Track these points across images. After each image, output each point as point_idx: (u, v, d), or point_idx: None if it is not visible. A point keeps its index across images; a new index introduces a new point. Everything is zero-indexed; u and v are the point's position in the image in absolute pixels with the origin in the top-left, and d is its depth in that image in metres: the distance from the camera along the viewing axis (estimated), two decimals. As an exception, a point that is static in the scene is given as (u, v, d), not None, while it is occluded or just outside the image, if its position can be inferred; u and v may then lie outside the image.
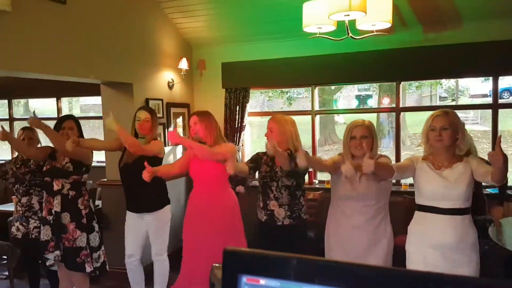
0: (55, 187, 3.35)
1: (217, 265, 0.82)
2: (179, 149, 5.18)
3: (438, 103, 15.99)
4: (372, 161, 2.25)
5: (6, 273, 4.39)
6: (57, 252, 3.34)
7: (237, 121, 5.11)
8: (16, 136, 4.05)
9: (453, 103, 15.70)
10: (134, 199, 3.56)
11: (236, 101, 5.14)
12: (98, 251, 3.45)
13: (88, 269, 3.35)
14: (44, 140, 3.70)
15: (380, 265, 2.69)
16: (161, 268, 3.67)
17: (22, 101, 13.83)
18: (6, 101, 7.01)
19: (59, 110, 6.47)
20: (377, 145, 2.77)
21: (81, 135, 3.52)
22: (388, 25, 3.23)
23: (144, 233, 3.60)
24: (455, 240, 2.35)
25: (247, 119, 5.19)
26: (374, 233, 2.74)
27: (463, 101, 15.85)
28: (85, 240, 3.35)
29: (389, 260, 2.80)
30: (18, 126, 7.18)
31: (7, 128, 5.12)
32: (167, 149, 4.91)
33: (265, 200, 3.14)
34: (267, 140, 2.84)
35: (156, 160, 3.48)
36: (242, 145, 5.19)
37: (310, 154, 4.82)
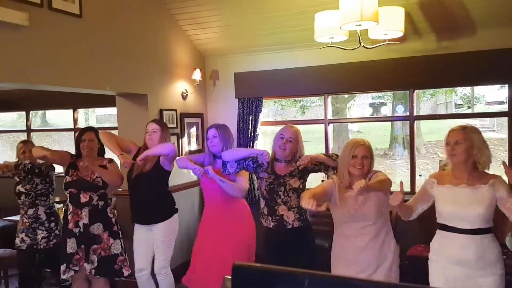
0: (83, 199, 3.40)
1: (228, 277, 0.83)
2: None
3: (454, 110, 15.81)
4: (400, 196, 2.35)
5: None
6: (88, 266, 3.36)
7: (250, 131, 5.13)
8: (16, 149, 4.10)
9: (469, 110, 15.50)
10: (143, 211, 3.56)
11: (249, 110, 5.16)
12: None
13: (126, 272, 3.49)
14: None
15: (386, 279, 2.67)
16: (167, 281, 3.63)
17: (40, 112, 14.10)
18: (24, 113, 7.15)
19: (75, 121, 6.57)
20: (373, 164, 2.73)
21: (101, 146, 3.61)
22: (400, 34, 3.24)
23: (153, 245, 3.60)
24: (474, 258, 2.33)
25: (260, 128, 5.20)
26: (380, 251, 2.68)
27: (479, 108, 15.64)
28: (119, 246, 3.50)
29: (396, 274, 2.74)
30: (35, 136, 7.31)
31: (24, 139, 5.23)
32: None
33: (272, 206, 3.11)
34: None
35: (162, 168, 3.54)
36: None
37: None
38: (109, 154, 3.66)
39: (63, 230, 3.54)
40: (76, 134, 3.62)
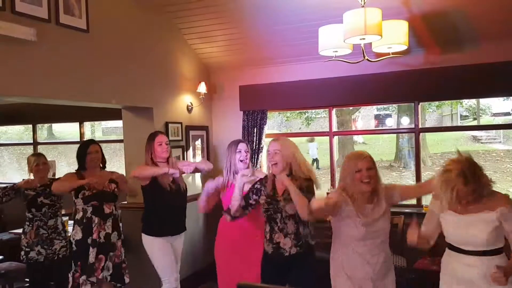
0: (107, 210, 3.57)
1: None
2: (197, 176, 5.19)
3: (459, 122, 15.79)
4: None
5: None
6: (105, 273, 3.51)
7: (254, 143, 5.14)
8: (27, 164, 4.16)
9: (475, 122, 15.46)
10: (179, 220, 3.87)
11: (253, 123, 5.18)
12: None
13: (127, 280, 3.66)
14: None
15: None
16: None
17: (46, 125, 14.19)
18: (30, 126, 7.21)
19: (81, 134, 6.61)
20: (380, 176, 2.67)
21: (103, 156, 3.76)
22: (404, 47, 3.25)
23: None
24: (480, 277, 2.29)
25: (265, 141, 5.21)
26: (388, 265, 2.73)
27: (485, 119, 15.59)
28: (123, 254, 3.70)
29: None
30: (42, 149, 7.35)
31: (31, 152, 5.27)
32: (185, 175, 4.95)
33: (271, 232, 2.96)
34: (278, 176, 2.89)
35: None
36: (260, 167, 5.21)
37: (329, 175, 4.79)
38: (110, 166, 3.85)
39: (79, 242, 3.49)
40: (78, 148, 3.67)
